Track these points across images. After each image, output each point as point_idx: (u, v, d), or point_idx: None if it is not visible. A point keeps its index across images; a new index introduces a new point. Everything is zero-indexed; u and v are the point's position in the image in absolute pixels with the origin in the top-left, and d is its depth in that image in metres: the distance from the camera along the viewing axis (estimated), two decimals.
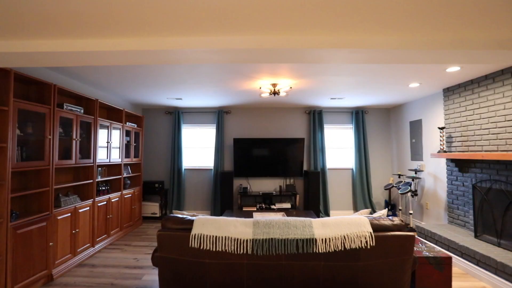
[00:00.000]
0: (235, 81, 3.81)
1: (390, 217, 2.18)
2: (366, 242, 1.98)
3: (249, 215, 4.21)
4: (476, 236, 3.40)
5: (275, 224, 2.11)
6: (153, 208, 5.60)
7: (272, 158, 5.59)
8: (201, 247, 1.99)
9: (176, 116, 5.75)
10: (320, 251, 1.96)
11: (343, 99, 5.00)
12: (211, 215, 5.57)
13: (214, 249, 1.98)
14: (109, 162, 4.20)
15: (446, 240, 3.41)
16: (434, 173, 4.44)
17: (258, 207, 5.35)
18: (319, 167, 5.67)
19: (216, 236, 2.00)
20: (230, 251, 1.97)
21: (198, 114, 5.88)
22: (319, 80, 3.74)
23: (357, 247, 1.98)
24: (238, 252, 1.97)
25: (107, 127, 4.16)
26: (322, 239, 1.99)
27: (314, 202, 5.35)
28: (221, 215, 5.36)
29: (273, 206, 5.35)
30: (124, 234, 4.58)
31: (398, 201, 5.54)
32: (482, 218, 3.41)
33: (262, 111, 5.86)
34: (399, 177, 5.24)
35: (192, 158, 5.93)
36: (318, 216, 5.32)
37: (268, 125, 5.84)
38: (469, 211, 3.65)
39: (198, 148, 5.93)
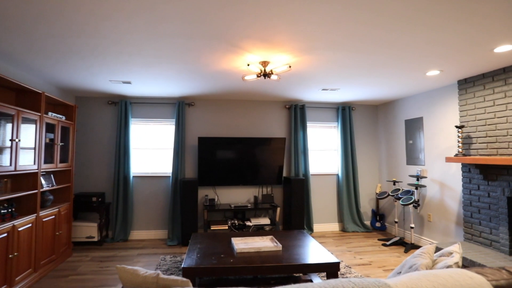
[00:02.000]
0: (212, 55, 2.66)
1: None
2: None
3: (225, 240, 3.08)
4: None
5: None
6: (89, 230, 4.13)
7: (245, 162, 4.51)
8: None
9: (122, 108, 4.35)
10: None
11: (335, 91, 4.15)
12: (169, 236, 4.28)
13: None
14: (15, 170, 2.74)
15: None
16: (441, 180, 3.80)
17: (230, 225, 4.23)
18: (301, 173, 4.77)
19: None
20: None
21: (153, 106, 4.55)
22: (324, 59, 2.78)
23: None
24: None
25: (12, 118, 2.68)
26: None
27: (298, 217, 4.41)
28: (183, 239, 4.10)
29: (248, 223, 4.29)
30: (41, 276, 3.11)
31: (389, 211, 4.89)
32: None
33: (234, 104, 4.75)
34: (394, 184, 4.58)
35: (144, 162, 4.56)
36: None
37: (240, 121, 4.75)
38: (499, 228, 3.01)
39: (152, 150, 4.59)
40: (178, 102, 4.48)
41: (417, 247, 3.95)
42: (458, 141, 3.32)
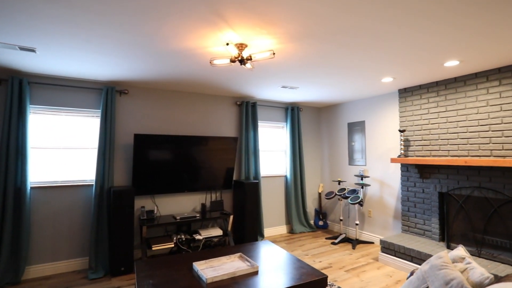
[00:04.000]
0: (180, 25, 2.02)
1: None
2: None
3: (184, 267, 2.44)
4: (448, 247, 3.20)
5: None
6: None
7: (191, 164, 3.89)
8: None
9: (15, 89, 3.02)
10: None
11: (292, 90, 4.03)
12: (92, 266, 3.20)
13: None
14: None
15: (429, 257, 3.00)
16: (381, 179, 4.20)
17: (176, 241, 3.54)
18: (252, 175, 4.47)
19: None
20: None
21: (66, 90, 3.36)
22: (311, 51, 2.55)
23: None
24: None
25: None
26: None
27: (252, 224, 4.08)
28: (113, 268, 3.15)
29: (197, 236, 3.69)
30: None
31: (331, 210, 5.16)
32: (453, 226, 3.26)
33: (179, 96, 4.04)
34: (339, 184, 4.83)
35: (51, 167, 3.32)
36: (256, 239, 4.11)
37: (186, 117, 4.08)
38: (431, 219, 3.47)
39: (65, 150, 3.39)
40: (105, 88, 3.44)
41: (361, 242, 4.24)
42: (401, 144, 3.70)
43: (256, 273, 2.34)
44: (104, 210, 3.34)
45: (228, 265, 2.48)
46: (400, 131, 3.67)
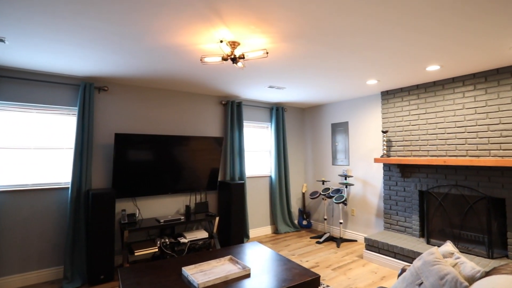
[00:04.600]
0: (173, 20, 1.93)
1: None
2: None
3: (173, 272, 2.33)
4: (428, 242, 3.35)
5: None
6: None
7: (175, 165, 3.75)
8: None
9: None
10: None
11: (279, 90, 4.03)
12: (67, 276, 2.96)
13: None
14: None
15: (411, 253, 3.13)
16: (364, 178, 4.32)
17: (160, 245, 3.39)
18: (237, 176, 4.42)
19: None
20: None
21: (38, 86, 3.09)
22: (302, 52, 2.54)
23: None
24: None
25: None
26: None
27: (238, 225, 4.03)
28: (91, 276, 2.94)
29: (182, 239, 3.57)
30: None
31: (314, 209, 5.23)
32: (432, 223, 3.42)
33: (162, 94, 3.89)
34: (323, 184, 4.90)
35: (19, 169, 3.04)
36: (242, 241, 4.05)
37: (169, 116, 3.94)
38: (412, 216, 3.62)
39: (36, 151, 3.12)
40: (83, 84, 3.21)
41: (345, 240, 4.34)
42: (384, 144, 3.83)
43: (248, 275, 2.30)
44: (82, 215, 3.11)
45: (219, 269, 2.41)
46: (383, 132, 3.80)
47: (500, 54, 2.57)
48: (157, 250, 3.34)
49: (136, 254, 3.18)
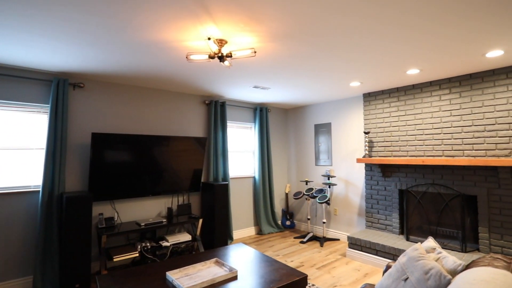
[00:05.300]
0: (159, 14, 1.83)
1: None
2: None
3: (157, 278, 2.23)
4: (407, 239, 3.47)
5: None
6: None
7: (155, 166, 3.62)
8: None
9: None
10: None
11: (264, 91, 4.01)
12: (37, 286, 2.75)
13: None
14: None
15: (392, 250, 3.23)
16: (346, 178, 4.41)
17: (141, 249, 3.25)
18: (220, 177, 4.35)
19: None
20: None
21: (5, 80, 2.85)
22: (288, 52, 2.53)
23: None
24: None
25: None
26: None
27: (221, 227, 3.96)
28: (64, 285, 2.74)
29: (164, 243, 3.44)
30: None
31: (297, 210, 5.26)
32: (411, 220, 3.55)
33: (142, 92, 3.73)
34: (306, 184, 4.95)
35: None
36: (226, 243, 3.99)
37: (149, 115, 3.79)
38: (392, 214, 3.74)
39: (1, 151, 2.87)
40: (56, 80, 3.00)
41: (328, 239, 4.40)
42: (366, 145, 3.93)
43: (235, 278, 2.25)
44: (54, 220, 2.90)
45: (204, 272, 2.34)
46: (365, 133, 3.90)
47: (473, 60, 2.72)
48: (137, 255, 3.19)
49: (115, 259, 3.02)
